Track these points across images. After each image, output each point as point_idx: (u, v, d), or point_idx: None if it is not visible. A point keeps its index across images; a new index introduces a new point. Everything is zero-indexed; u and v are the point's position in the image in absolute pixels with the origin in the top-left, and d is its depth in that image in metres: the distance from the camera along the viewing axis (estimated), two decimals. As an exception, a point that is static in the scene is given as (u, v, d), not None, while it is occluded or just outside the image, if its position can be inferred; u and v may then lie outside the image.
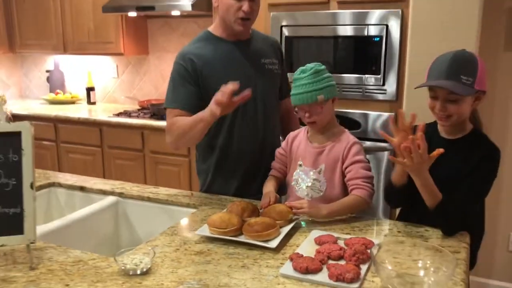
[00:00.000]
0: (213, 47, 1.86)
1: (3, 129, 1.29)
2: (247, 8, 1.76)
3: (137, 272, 1.26)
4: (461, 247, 1.41)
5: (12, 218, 1.28)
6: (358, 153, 1.68)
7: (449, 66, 1.43)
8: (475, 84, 1.45)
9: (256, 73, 1.89)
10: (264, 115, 1.92)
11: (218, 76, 1.79)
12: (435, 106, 1.49)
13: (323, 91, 1.64)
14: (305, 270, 1.23)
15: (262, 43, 1.98)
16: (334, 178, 1.69)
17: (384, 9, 2.60)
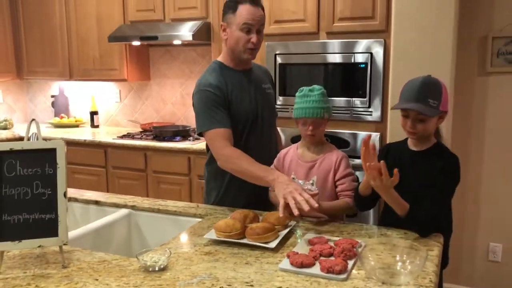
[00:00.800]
0: (228, 76, 2.08)
1: (41, 146, 1.51)
2: (255, 40, 2.02)
3: (155, 269, 1.46)
4: (435, 245, 1.63)
5: (48, 222, 1.48)
6: (347, 166, 1.97)
7: (419, 91, 1.68)
8: (440, 106, 1.70)
9: (260, 96, 2.16)
10: (268, 134, 2.19)
11: (236, 100, 2.05)
12: (406, 123, 1.74)
13: (328, 111, 1.95)
14: (300, 265, 1.44)
15: (259, 71, 2.25)
16: (325, 187, 1.94)
17: (368, 39, 2.87)
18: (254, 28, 2.01)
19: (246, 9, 1.99)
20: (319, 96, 1.93)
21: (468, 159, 3.02)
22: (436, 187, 1.70)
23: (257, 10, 2.02)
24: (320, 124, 1.95)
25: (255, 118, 2.12)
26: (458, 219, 3.04)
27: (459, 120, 2.97)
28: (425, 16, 2.54)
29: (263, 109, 2.14)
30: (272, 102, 2.30)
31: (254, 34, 2.01)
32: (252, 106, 2.09)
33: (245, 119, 2.08)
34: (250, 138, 2.11)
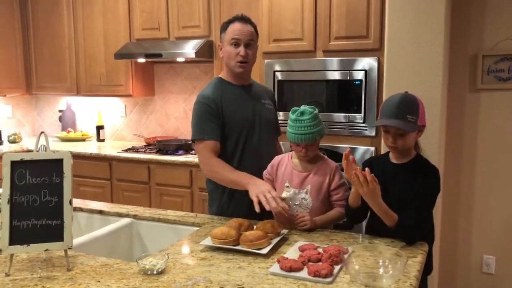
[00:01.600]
0: (227, 90, 2.25)
1: (49, 156, 1.62)
2: (243, 53, 2.17)
3: (154, 272, 1.55)
4: (419, 253, 1.72)
5: (54, 228, 1.59)
6: (341, 177, 2.07)
7: (397, 108, 1.80)
8: (418, 121, 1.81)
9: (259, 109, 2.29)
10: (266, 145, 2.30)
11: (233, 111, 2.21)
12: (387, 138, 1.86)
13: (320, 133, 2.03)
14: (289, 269, 1.53)
15: (259, 89, 2.42)
16: (319, 196, 2.05)
17: (363, 57, 2.99)
18: (242, 42, 2.17)
19: (235, 26, 2.19)
20: (310, 121, 1.99)
21: (460, 173, 3.11)
22: (419, 197, 1.79)
23: (244, 26, 2.19)
24: (313, 145, 2.04)
25: (252, 128, 2.24)
26: (451, 231, 3.14)
27: (452, 135, 3.07)
28: (417, 35, 2.65)
29: (260, 121, 2.27)
30: (272, 118, 2.38)
31: (241, 47, 2.17)
32: (248, 116, 2.23)
33: (240, 128, 2.21)
34: (246, 146, 2.23)
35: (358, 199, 1.84)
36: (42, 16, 4.58)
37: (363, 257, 1.60)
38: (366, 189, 1.70)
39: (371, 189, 1.69)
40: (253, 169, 2.18)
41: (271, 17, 3.23)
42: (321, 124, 2.05)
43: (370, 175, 1.68)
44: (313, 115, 2.01)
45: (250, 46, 2.20)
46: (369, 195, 1.72)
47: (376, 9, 2.94)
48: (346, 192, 2.05)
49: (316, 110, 2.04)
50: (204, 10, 3.80)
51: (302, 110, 2.02)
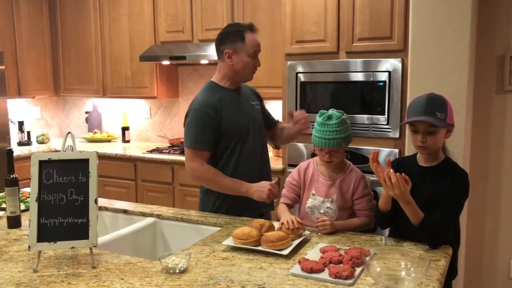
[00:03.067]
0: (224, 95, 2.26)
1: (76, 156, 1.67)
2: (258, 64, 2.29)
3: (176, 271, 1.58)
4: (442, 256, 1.69)
5: (80, 226, 1.63)
6: (366, 186, 2.06)
7: (426, 105, 1.77)
8: (447, 119, 1.78)
9: (251, 112, 2.34)
10: (261, 145, 2.35)
11: (231, 116, 2.23)
12: (416, 138, 1.81)
13: (346, 140, 2.00)
14: (310, 270, 1.54)
15: (246, 89, 2.42)
16: (344, 205, 2.04)
17: (387, 58, 2.97)
18: (258, 53, 2.28)
19: (252, 38, 2.23)
20: (337, 125, 1.96)
21: (487, 176, 3.04)
22: (446, 202, 1.76)
23: (257, 37, 2.27)
24: (337, 151, 2.01)
25: (247, 131, 2.29)
26: (477, 235, 3.08)
27: (478, 138, 3.01)
28: (442, 36, 2.62)
29: (254, 123, 2.32)
30: (260, 118, 2.40)
31: (257, 59, 2.27)
32: (244, 120, 2.28)
33: (238, 132, 2.25)
34: (243, 149, 2.27)
35: (389, 203, 1.81)
36: (69, 19, 4.70)
37: (385, 259, 1.59)
38: (397, 191, 1.68)
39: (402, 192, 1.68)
40: (250, 171, 2.26)
41: (294, 19, 3.23)
42: (349, 130, 2.01)
43: (402, 178, 1.66)
44: (340, 120, 1.97)
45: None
46: (399, 196, 1.71)
47: (400, 10, 2.91)
48: (369, 202, 2.03)
49: (344, 115, 2.00)
50: (228, 13, 3.83)
51: (330, 114, 1.99)
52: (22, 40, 4.49)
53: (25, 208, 2.24)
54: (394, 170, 1.88)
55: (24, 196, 2.49)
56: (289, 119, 2.52)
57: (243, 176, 2.23)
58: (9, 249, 1.81)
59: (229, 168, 2.25)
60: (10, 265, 1.66)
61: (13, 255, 1.75)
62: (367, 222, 2.02)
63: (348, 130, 2.01)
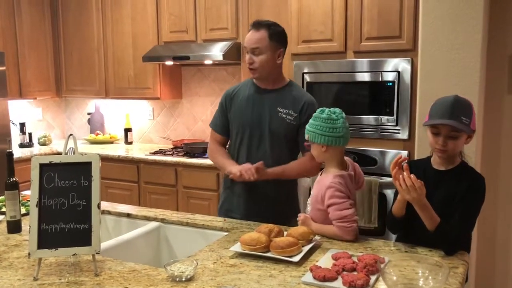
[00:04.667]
0: (245, 90, 2.35)
1: (78, 159, 1.60)
2: (248, 60, 2.25)
3: (182, 279, 1.51)
4: (460, 263, 1.62)
5: (82, 232, 1.56)
6: (331, 196, 1.87)
7: (452, 108, 1.69)
8: (471, 125, 1.71)
9: (268, 115, 2.27)
10: (270, 150, 2.26)
11: (238, 111, 2.32)
12: (436, 141, 1.74)
13: (309, 133, 1.93)
14: (323, 278, 1.47)
15: (288, 96, 2.29)
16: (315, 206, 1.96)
17: (395, 57, 2.90)
18: (248, 50, 2.26)
19: (247, 34, 2.27)
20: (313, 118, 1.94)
21: (498, 178, 2.97)
22: (463, 207, 1.69)
23: (253, 34, 2.23)
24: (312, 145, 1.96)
25: (252, 132, 2.28)
26: (488, 241, 3.00)
27: (489, 139, 2.94)
28: (453, 35, 2.55)
29: (265, 128, 2.26)
30: (285, 128, 2.25)
31: (248, 55, 2.26)
32: (249, 120, 2.28)
33: (241, 128, 2.31)
34: (242, 146, 2.32)
35: (403, 208, 1.74)
36: (72, 20, 4.64)
37: (401, 266, 1.52)
38: (415, 195, 1.62)
39: (419, 195, 1.61)
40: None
41: (300, 18, 3.17)
42: (314, 128, 1.91)
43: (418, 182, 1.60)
44: (315, 115, 1.94)
45: (257, 53, 2.22)
46: (416, 200, 1.64)
47: (410, 8, 2.84)
48: (336, 211, 1.85)
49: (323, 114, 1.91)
50: (232, 12, 3.77)
51: (323, 109, 1.95)
52: (24, 40, 4.44)
53: (26, 212, 2.17)
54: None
55: (25, 200, 2.42)
56: None
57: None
58: (8, 256, 1.74)
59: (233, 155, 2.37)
60: (9, 272, 1.59)
61: (12, 261, 1.69)
62: (337, 232, 1.85)
63: (316, 128, 1.90)
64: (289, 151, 2.31)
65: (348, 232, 1.84)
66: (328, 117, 1.90)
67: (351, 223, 1.84)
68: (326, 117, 1.91)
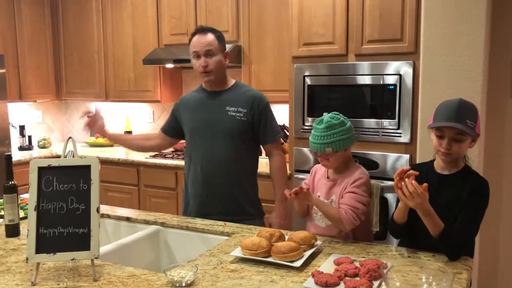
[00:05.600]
0: (196, 94, 2.45)
1: (77, 162, 1.58)
2: (203, 63, 2.28)
3: (182, 284, 1.49)
4: (464, 269, 1.60)
5: (81, 236, 1.54)
6: (358, 186, 1.90)
7: (457, 111, 1.68)
8: (476, 128, 1.69)
9: (218, 117, 2.34)
10: (219, 150, 2.32)
11: (187, 115, 2.42)
12: (440, 144, 1.72)
13: (332, 145, 1.89)
14: (325, 284, 1.45)
15: (235, 95, 2.38)
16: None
17: (397, 60, 2.88)
18: (201, 53, 2.28)
19: (194, 39, 2.32)
20: (323, 130, 1.89)
21: (501, 183, 2.95)
22: (467, 212, 1.68)
23: (202, 37, 2.29)
24: (330, 155, 1.92)
25: (202, 133, 2.36)
26: (491, 246, 2.98)
27: (491, 144, 2.91)
28: (455, 38, 2.53)
29: (216, 128, 2.33)
30: (236, 126, 2.32)
31: (202, 59, 2.28)
32: (198, 122, 2.37)
33: (190, 132, 2.40)
34: (193, 149, 2.40)
35: (405, 215, 1.72)
36: (72, 22, 4.62)
37: (404, 272, 1.50)
38: (419, 200, 1.59)
39: (422, 200, 1.59)
40: (196, 169, 2.36)
41: (301, 21, 3.15)
42: (336, 136, 1.89)
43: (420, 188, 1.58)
44: (328, 125, 1.89)
45: (210, 55, 2.28)
46: (420, 206, 1.62)
47: (411, 11, 2.83)
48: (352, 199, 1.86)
49: (334, 120, 1.90)
50: (233, 15, 3.75)
51: (321, 118, 1.93)
52: (24, 43, 4.42)
53: (25, 216, 2.16)
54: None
55: (24, 203, 2.40)
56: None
57: (194, 171, 2.39)
58: (6, 260, 1.72)
59: (185, 165, 2.48)
60: (7, 277, 1.57)
61: (10, 266, 1.67)
62: (342, 217, 1.83)
63: (336, 136, 1.89)
64: (245, 147, 2.38)
65: (350, 223, 1.85)
66: (339, 121, 1.92)
67: (358, 219, 1.85)
68: (338, 122, 1.91)
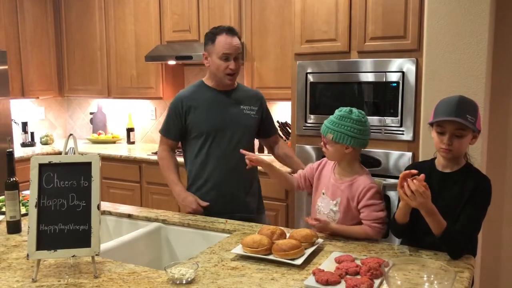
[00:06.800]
0: (202, 94, 2.38)
1: (77, 159, 1.58)
2: (233, 66, 2.29)
3: (183, 282, 1.49)
4: (466, 267, 1.60)
5: (82, 233, 1.54)
6: (372, 197, 1.89)
7: (457, 106, 1.67)
8: (476, 124, 1.68)
9: (235, 115, 2.36)
10: (243, 146, 2.29)
11: (200, 115, 2.33)
12: (441, 140, 1.70)
13: (334, 133, 1.88)
14: (326, 282, 1.44)
15: (243, 94, 2.45)
16: (348, 212, 1.92)
17: (400, 58, 2.86)
18: (232, 56, 2.28)
19: (223, 39, 2.27)
20: (337, 117, 1.90)
21: (504, 180, 2.94)
22: (469, 210, 1.67)
23: (233, 39, 2.29)
24: (328, 143, 1.92)
25: (220, 133, 2.33)
26: (493, 245, 2.96)
27: (495, 141, 2.90)
28: (458, 35, 2.52)
29: (233, 126, 2.34)
30: (250, 123, 2.42)
31: (232, 62, 2.28)
32: (216, 121, 2.33)
33: (206, 132, 2.33)
34: (210, 150, 2.34)
35: (407, 215, 1.72)
36: (74, 19, 4.62)
37: (405, 270, 1.49)
38: (421, 200, 1.58)
39: (425, 199, 1.58)
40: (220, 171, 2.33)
41: (304, 18, 3.14)
42: (345, 128, 1.87)
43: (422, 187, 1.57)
44: (344, 114, 1.89)
45: (238, 58, 2.32)
46: (423, 205, 1.61)
47: (415, 8, 2.81)
48: (372, 212, 1.87)
49: (354, 115, 1.89)
50: (235, 12, 3.74)
51: (347, 108, 1.93)
52: (26, 39, 4.42)
53: (26, 212, 2.15)
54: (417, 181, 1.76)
55: (26, 199, 2.40)
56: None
57: (211, 174, 2.35)
58: (7, 256, 1.72)
59: (195, 165, 2.39)
60: (8, 273, 1.57)
61: (11, 262, 1.67)
62: (369, 232, 1.86)
63: (344, 127, 1.87)
64: (253, 144, 2.53)
65: (380, 233, 1.87)
66: (358, 118, 1.89)
67: (384, 225, 1.87)
68: (356, 118, 1.89)
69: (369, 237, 1.87)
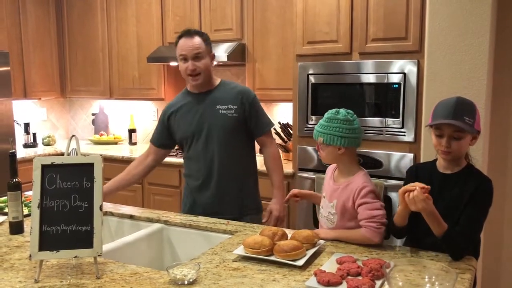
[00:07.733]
0: (182, 99, 2.44)
1: (80, 160, 1.59)
2: (191, 67, 2.30)
3: (185, 282, 1.49)
4: (467, 269, 1.60)
5: (84, 234, 1.55)
6: (365, 195, 1.84)
7: (454, 108, 1.67)
8: (475, 125, 1.68)
9: (208, 116, 2.35)
10: (220, 150, 2.34)
11: (179, 121, 2.40)
12: (440, 143, 1.71)
13: (323, 136, 1.88)
14: (327, 283, 1.44)
15: (222, 93, 2.40)
16: (345, 213, 1.90)
17: (401, 59, 2.87)
18: (189, 57, 2.29)
19: (181, 42, 2.32)
20: (325, 120, 1.89)
21: (505, 181, 2.93)
22: (470, 211, 1.67)
23: (189, 40, 2.30)
24: (321, 147, 1.91)
25: (197, 135, 2.36)
26: (495, 246, 2.96)
27: (496, 143, 2.90)
28: (460, 37, 2.52)
29: (208, 127, 2.34)
30: (228, 123, 2.35)
31: (189, 62, 2.29)
32: (191, 125, 2.36)
33: (185, 136, 2.40)
34: (190, 153, 2.41)
35: (406, 219, 1.72)
36: (76, 20, 4.64)
37: (407, 271, 1.49)
38: (421, 206, 1.58)
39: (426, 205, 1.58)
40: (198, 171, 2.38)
41: (305, 19, 3.15)
42: (333, 129, 1.85)
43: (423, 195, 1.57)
44: (331, 116, 1.88)
45: (198, 58, 2.30)
46: (426, 210, 1.61)
47: (416, 9, 2.81)
48: (366, 210, 1.82)
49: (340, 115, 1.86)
50: (237, 13, 3.75)
51: (335, 110, 1.91)
52: (28, 40, 4.44)
53: (29, 213, 2.16)
54: (413, 177, 1.79)
55: (28, 200, 2.41)
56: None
57: (196, 176, 2.41)
58: (10, 257, 1.73)
59: (184, 168, 2.50)
60: (10, 274, 1.58)
61: (14, 263, 1.67)
62: (366, 234, 1.80)
63: (334, 129, 1.85)
64: (241, 143, 2.43)
65: (376, 234, 1.78)
66: (345, 118, 1.86)
67: (380, 225, 1.79)
68: (343, 118, 1.86)
69: (367, 239, 1.81)
